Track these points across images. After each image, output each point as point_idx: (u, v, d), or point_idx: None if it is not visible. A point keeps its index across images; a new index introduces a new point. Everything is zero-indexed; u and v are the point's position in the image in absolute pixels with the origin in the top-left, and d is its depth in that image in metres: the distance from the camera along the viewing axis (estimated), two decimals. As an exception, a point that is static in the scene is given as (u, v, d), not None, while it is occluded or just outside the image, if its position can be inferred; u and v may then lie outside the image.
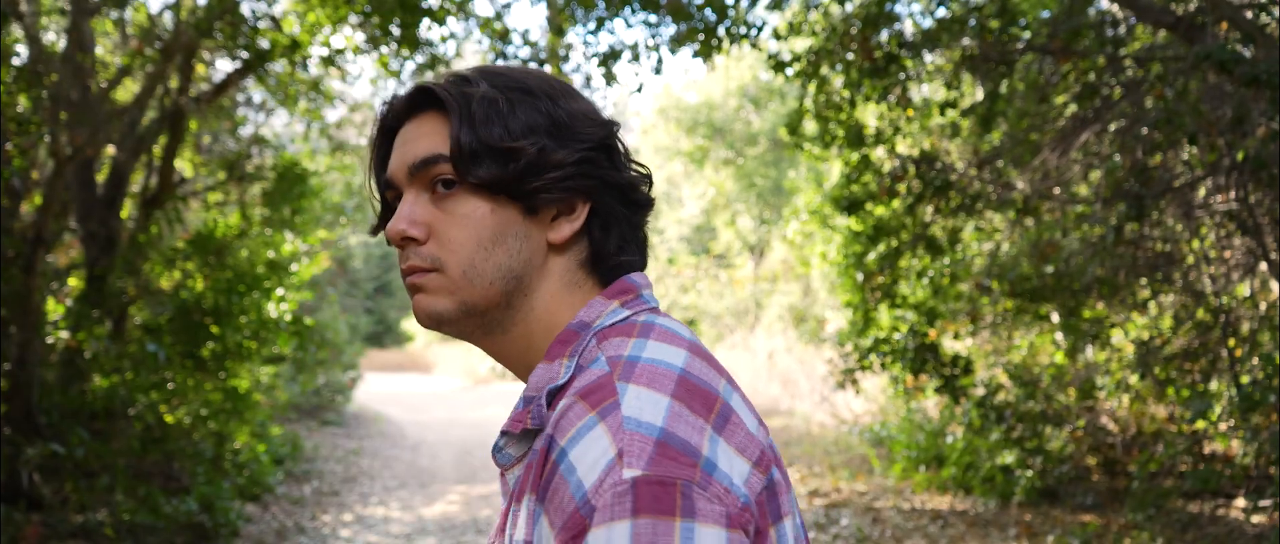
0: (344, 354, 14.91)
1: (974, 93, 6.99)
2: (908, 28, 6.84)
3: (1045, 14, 6.47)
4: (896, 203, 6.61)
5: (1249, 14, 4.69)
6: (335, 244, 13.05)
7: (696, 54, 6.97)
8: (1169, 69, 5.28)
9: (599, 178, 0.90)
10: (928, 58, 6.40)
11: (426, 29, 7.30)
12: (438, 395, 20.34)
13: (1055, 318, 7.31)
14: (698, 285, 18.87)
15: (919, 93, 7.52)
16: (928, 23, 6.67)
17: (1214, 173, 5.56)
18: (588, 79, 8.23)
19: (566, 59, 8.18)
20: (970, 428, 7.31)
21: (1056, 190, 6.48)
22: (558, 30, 7.88)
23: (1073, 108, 6.12)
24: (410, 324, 29.30)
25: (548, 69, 8.18)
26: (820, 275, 13.44)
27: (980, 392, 7.35)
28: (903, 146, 6.88)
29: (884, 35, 6.15)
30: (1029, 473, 6.86)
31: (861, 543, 6.26)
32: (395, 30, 7.05)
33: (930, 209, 6.55)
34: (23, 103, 5.68)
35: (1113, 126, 5.88)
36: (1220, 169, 5.44)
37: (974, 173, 6.42)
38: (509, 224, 0.88)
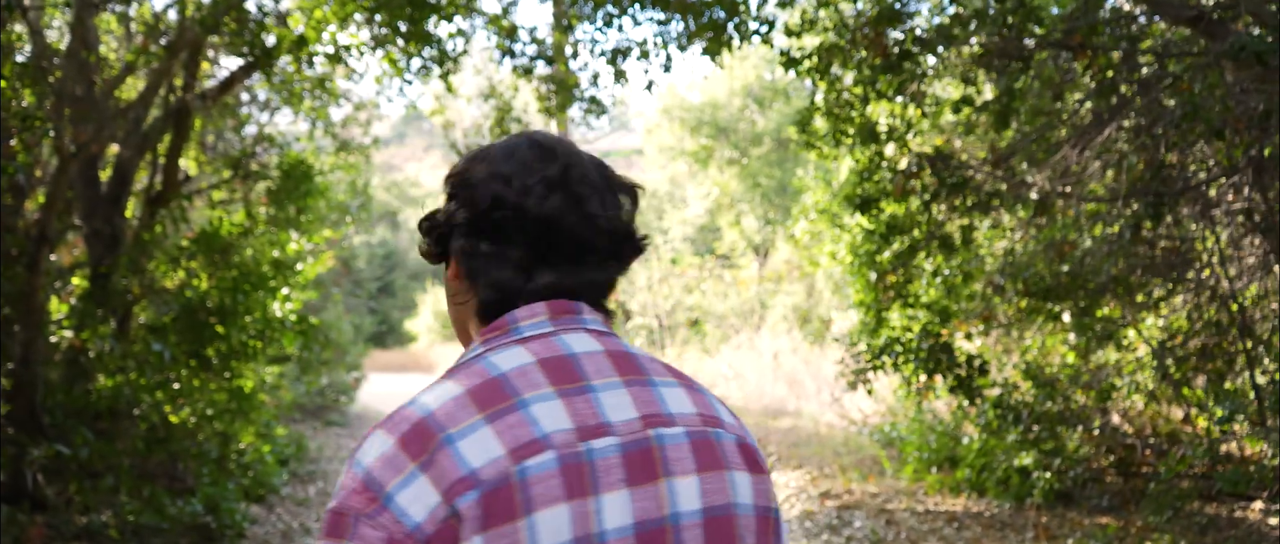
0: (348, 354, 14.86)
1: (983, 89, 6.90)
2: (921, 24, 6.74)
3: (1055, 10, 6.39)
4: (911, 201, 6.52)
5: (1274, 6, 4.61)
6: (340, 243, 12.96)
7: (706, 51, 6.88)
8: (1188, 64, 5.19)
9: (445, 227, 1.04)
10: (942, 53, 6.31)
11: (433, 25, 7.22)
12: (441, 396, 20.22)
13: (1067, 318, 7.22)
14: (702, 286, 18.79)
15: (932, 90, 7.43)
16: (938, 20, 6.58)
17: (1230, 172, 5.48)
18: (595, 77, 8.14)
19: (574, 56, 8.09)
20: (987, 429, 7.21)
21: (1067, 189, 6.40)
22: (565, 27, 7.80)
23: (1089, 104, 6.04)
24: (413, 324, 29.26)
25: (555, 67, 8.12)
26: (825, 275, 13.36)
27: (996, 392, 7.25)
28: (916, 144, 6.79)
29: (897, 31, 6.06)
30: (1047, 475, 6.76)
31: (875, 545, 6.19)
32: (402, 27, 6.97)
33: (944, 207, 6.46)
34: (27, 99, 5.60)
35: (1128, 124, 5.80)
36: (1237, 167, 5.36)
37: (989, 170, 6.34)
38: (451, 283, 1.07)
